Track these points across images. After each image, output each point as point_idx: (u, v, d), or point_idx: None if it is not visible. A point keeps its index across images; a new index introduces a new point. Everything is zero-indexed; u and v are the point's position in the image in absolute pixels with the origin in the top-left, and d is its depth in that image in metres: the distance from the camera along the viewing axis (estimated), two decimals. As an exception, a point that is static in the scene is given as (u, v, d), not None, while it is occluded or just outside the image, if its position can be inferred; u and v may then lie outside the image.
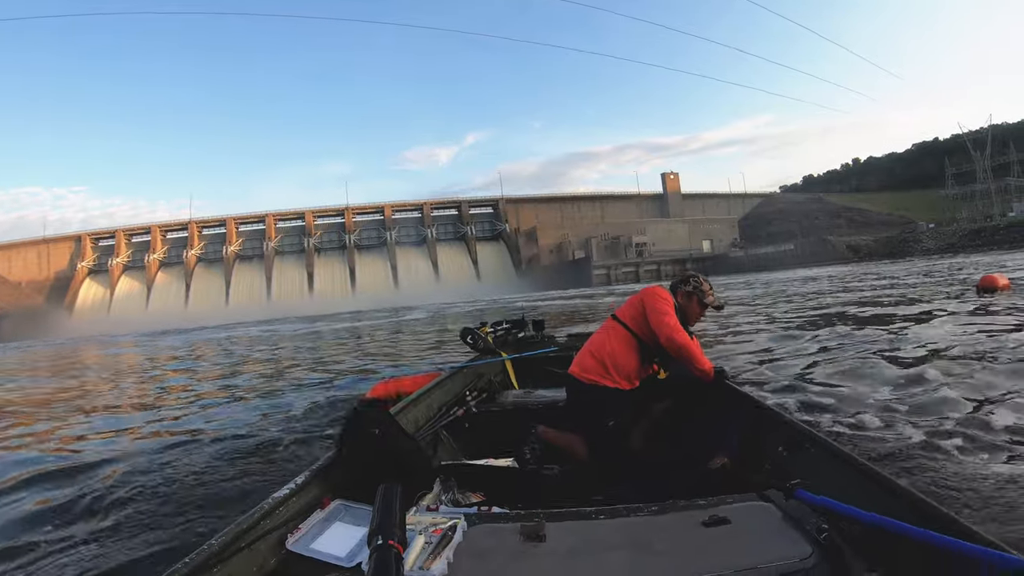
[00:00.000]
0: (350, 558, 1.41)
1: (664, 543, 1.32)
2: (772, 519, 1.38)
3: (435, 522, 1.47)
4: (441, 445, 2.78)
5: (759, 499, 1.49)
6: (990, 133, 67.34)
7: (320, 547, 1.49)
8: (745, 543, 1.29)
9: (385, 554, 0.76)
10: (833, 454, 1.59)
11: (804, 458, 1.72)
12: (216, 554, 1.28)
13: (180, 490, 2.97)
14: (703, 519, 1.39)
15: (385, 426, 1.92)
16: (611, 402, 2.47)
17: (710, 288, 2.68)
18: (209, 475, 3.19)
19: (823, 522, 1.30)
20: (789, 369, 5.00)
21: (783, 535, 1.30)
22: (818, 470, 1.59)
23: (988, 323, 6.56)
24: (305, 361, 10.33)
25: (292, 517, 1.56)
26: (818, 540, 1.25)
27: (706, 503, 1.50)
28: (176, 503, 2.79)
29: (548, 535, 1.39)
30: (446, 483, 2.07)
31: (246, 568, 1.36)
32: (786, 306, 12.54)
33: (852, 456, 1.52)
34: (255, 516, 1.45)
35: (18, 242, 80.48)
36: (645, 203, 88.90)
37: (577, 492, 2.03)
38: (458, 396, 3.28)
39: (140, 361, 14.37)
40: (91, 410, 6.39)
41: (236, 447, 3.74)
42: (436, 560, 1.28)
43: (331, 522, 1.59)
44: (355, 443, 1.83)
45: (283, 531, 1.51)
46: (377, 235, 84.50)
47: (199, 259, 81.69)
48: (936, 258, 39.18)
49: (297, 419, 4.63)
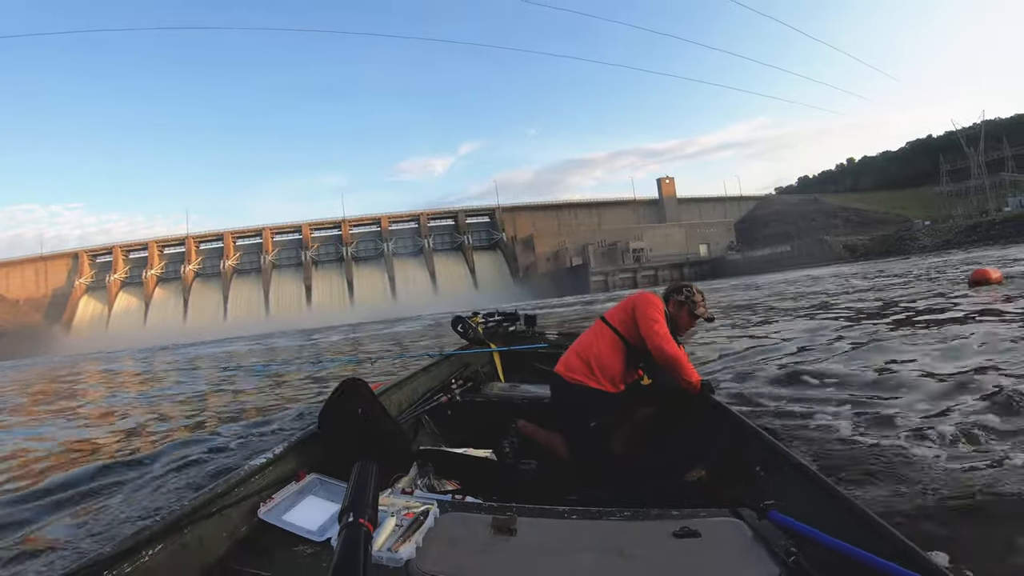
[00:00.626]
0: (320, 532, 1.44)
1: (633, 549, 1.32)
2: (742, 537, 1.37)
3: (408, 505, 1.47)
4: (422, 430, 2.79)
5: (732, 515, 1.47)
6: (983, 129, 67.60)
7: (292, 519, 1.50)
8: (713, 558, 1.30)
9: (355, 532, 0.76)
10: (809, 478, 1.55)
11: (781, 479, 1.70)
12: (187, 515, 1.31)
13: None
14: (674, 529, 1.39)
15: (368, 405, 1.91)
16: (594, 403, 2.47)
17: (702, 299, 2.68)
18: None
19: (792, 545, 1.30)
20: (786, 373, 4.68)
21: (752, 554, 1.29)
22: (793, 493, 1.57)
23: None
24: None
25: (266, 487, 1.56)
26: (786, 563, 1.24)
27: (679, 514, 1.49)
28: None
29: (519, 529, 1.39)
30: (423, 468, 2.08)
31: (216, 532, 1.38)
32: (793, 304, 12.33)
33: (828, 482, 1.49)
34: (229, 482, 1.46)
35: (15, 260, 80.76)
36: (641, 208, 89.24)
37: (552, 490, 2.05)
38: (443, 383, 3.30)
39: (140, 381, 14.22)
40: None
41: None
42: (405, 543, 1.29)
43: (305, 495, 1.61)
44: (337, 419, 1.84)
45: (256, 500, 1.52)
46: (374, 247, 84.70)
47: (197, 274, 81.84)
48: (934, 255, 38.90)
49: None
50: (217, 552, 1.38)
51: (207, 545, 1.36)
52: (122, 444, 4.86)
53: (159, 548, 1.25)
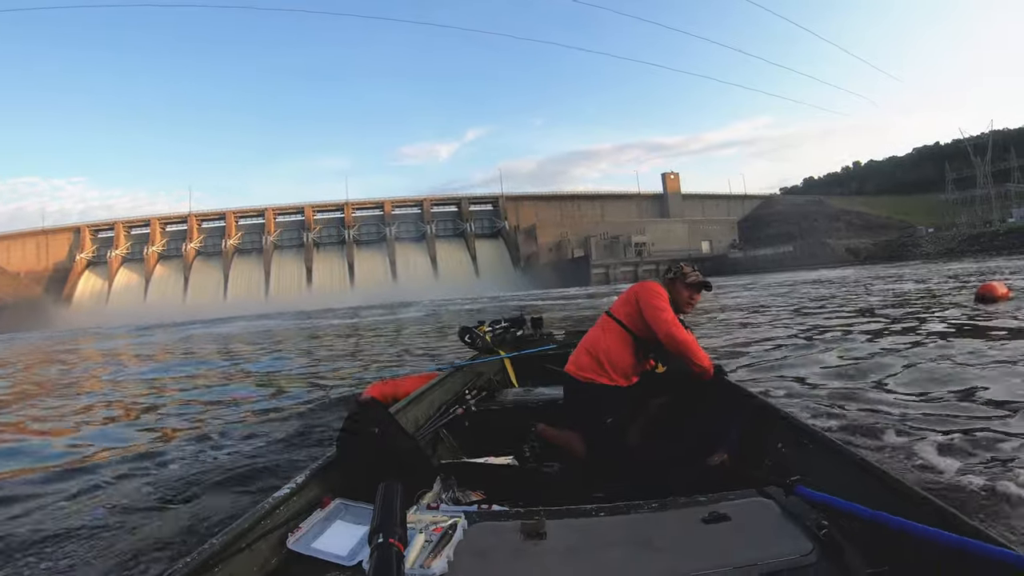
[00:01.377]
0: (351, 557, 1.42)
1: (664, 540, 1.32)
2: (772, 515, 1.38)
3: (435, 520, 1.47)
4: (441, 444, 2.78)
5: (759, 495, 1.48)
6: (991, 138, 67.33)
7: (321, 546, 1.49)
8: (745, 539, 1.29)
9: (386, 552, 0.76)
10: (832, 450, 1.59)
11: (803, 454, 1.73)
12: (217, 554, 1.29)
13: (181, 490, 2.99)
14: (703, 516, 1.39)
15: (385, 425, 1.92)
16: (608, 399, 2.47)
17: (691, 269, 2.68)
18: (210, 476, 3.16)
19: (823, 518, 1.29)
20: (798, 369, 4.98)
21: (783, 531, 1.30)
22: (818, 466, 1.60)
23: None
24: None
25: (292, 516, 1.57)
26: (818, 536, 1.23)
27: (706, 500, 1.49)
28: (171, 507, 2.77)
29: (548, 532, 1.39)
30: (446, 481, 2.07)
31: (247, 568, 1.36)
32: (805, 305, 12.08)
33: (852, 452, 1.53)
34: (255, 516, 1.45)
35: (17, 233, 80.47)
36: (645, 203, 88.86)
37: (577, 489, 2.04)
38: (457, 395, 3.28)
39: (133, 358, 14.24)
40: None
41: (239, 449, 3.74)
42: (437, 558, 1.28)
43: (331, 521, 1.60)
44: (355, 442, 1.83)
45: (284, 530, 1.51)
46: (376, 230, 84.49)
47: (198, 252, 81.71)
48: (939, 262, 38.65)
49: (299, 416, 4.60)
50: None
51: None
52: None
53: None
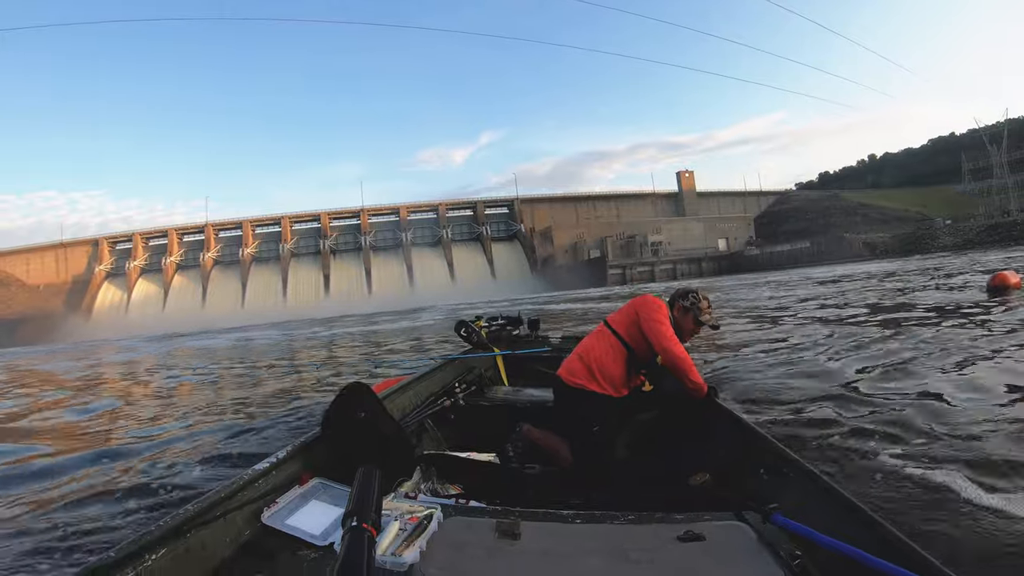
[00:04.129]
0: (324, 537, 1.43)
1: (638, 553, 1.32)
2: (747, 540, 1.38)
3: (412, 510, 1.47)
4: (425, 434, 2.76)
5: (736, 519, 1.48)
6: (1006, 128, 67.45)
7: (295, 523, 1.50)
8: (718, 561, 1.30)
9: (358, 536, 0.76)
10: (813, 481, 1.58)
11: (784, 483, 1.71)
12: (190, 519, 1.30)
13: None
14: (679, 533, 1.39)
15: (371, 409, 1.91)
16: (596, 407, 2.46)
17: (708, 306, 2.64)
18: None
19: (797, 548, 1.30)
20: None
21: (756, 557, 1.30)
22: (797, 495, 1.59)
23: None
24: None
25: (270, 491, 1.56)
26: (791, 566, 1.24)
27: (683, 518, 1.50)
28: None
29: (523, 534, 1.39)
30: (426, 472, 2.07)
31: (220, 537, 1.38)
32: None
33: (831, 485, 1.52)
34: (233, 486, 1.45)
35: (36, 246, 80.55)
36: (660, 202, 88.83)
37: (556, 494, 2.04)
38: (447, 387, 3.26)
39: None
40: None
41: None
42: (409, 547, 1.28)
43: (308, 499, 1.60)
44: (340, 423, 1.83)
45: (259, 504, 1.51)
46: (392, 236, 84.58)
47: (215, 262, 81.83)
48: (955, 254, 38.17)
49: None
50: (220, 557, 1.39)
51: (210, 550, 1.36)
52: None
53: (162, 553, 1.25)
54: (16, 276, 77.33)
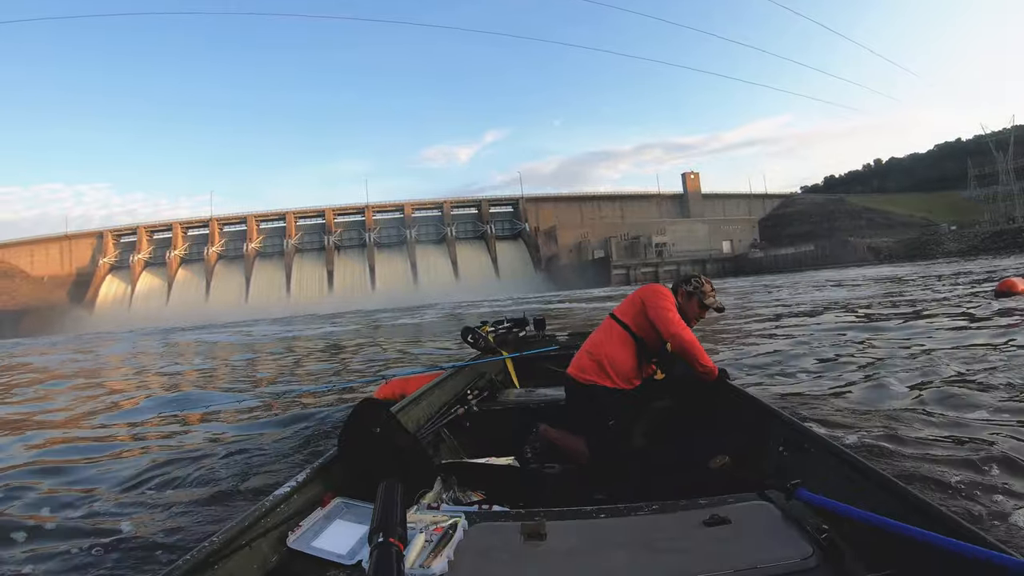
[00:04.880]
0: (351, 555, 1.42)
1: (665, 542, 1.32)
2: (772, 519, 1.39)
3: (436, 520, 1.47)
4: (442, 444, 2.77)
5: (759, 499, 1.49)
6: (1013, 134, 67.47)
7: (321, 545, 1.49)
8: (746, 543, 1.30)
9: (386, 552, 0.76)
10: (833, 454, 1.58)
11: (804, 458, 1.72)
12: (216, 551, 1.29)
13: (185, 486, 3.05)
14: (704, 518, 1.39)
15: (386, 424, 1.93)
16: (610, 402, 2.46)
17: (711, 289, 2.68)
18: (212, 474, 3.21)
19: (823, 522, 1.30)
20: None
21: (783, 535, 1.31)
22: (818, 470, 1.60)
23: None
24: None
25: (293, 515, 1.56)
26: (818, 540, 1.24)
27: (707, 502, 1.50)
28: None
29: (549, 534, 1.39)
30: (447, 481, 2.07)
31: (247, 566, 1.35)
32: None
33: (853, 456, 1.52)
34: (256, 514, 1.45)
35: (41, 238, 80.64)
36: (665, 203, 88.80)
37: (578, 491, 2.05)
38: (459, 395, 3.25)
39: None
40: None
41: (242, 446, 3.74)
42: (437, 558, 1.28)
43: (332, 520, 1.60)
44: (356, 441, 1.84)
45: (284, 529, 1.51)
46: (397, 233, 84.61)
47: (220, 256, 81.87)
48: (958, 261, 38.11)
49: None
50: None
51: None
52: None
53: None
54: (20, 268, 77.50)
